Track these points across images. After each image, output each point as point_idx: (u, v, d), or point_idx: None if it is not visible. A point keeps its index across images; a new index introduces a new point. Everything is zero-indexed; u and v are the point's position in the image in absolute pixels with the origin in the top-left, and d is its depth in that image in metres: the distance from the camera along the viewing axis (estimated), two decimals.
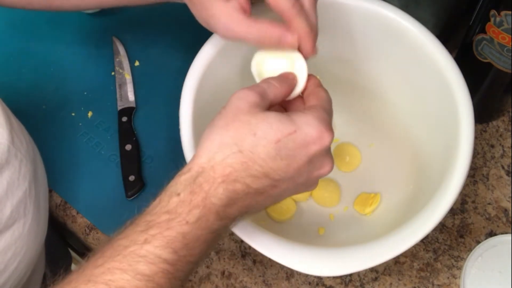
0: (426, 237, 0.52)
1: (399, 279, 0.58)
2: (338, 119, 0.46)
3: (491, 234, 0.59)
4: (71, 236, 0.66)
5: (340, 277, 0.58)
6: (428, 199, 0.47)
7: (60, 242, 0.73)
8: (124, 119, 0.67)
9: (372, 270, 0.58)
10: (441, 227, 0.60)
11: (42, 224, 0.51)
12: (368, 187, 0.60)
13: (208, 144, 0.40)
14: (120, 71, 0.71)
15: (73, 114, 0.69)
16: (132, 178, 0.63)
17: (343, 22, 0.55)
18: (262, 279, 0.59)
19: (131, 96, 0.70)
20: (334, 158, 0.60)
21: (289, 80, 0.45)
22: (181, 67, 0.56)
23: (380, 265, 0.53)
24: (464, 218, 0.61)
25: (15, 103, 0.51)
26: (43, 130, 0.67)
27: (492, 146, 0.64)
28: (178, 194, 0.39)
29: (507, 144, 0.64)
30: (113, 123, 0.68)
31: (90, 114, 0.69)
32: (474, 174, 0.63)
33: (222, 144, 0.39)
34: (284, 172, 0.40)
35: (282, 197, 0.43)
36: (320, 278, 0.58)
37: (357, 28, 0.56)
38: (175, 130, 0.52)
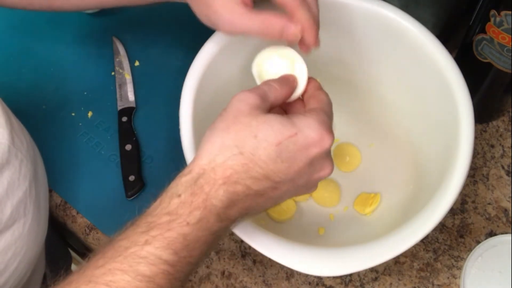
0: (426, 237, 0.52)
1: (399, 279, 0.58)
2: (338, 119, 0.46)
3: (491, 234, 0.59)
4: (71, 236, 0.66)
5: (340, 277, 0.58)
6: (428, 199, 0.47)
7: (60, 242, 0.73)
8: (124, 119, 0.67)
9: (372, 270, 0.58)
10: (441, 227, 0.60)
11: (42, 224, 0.51)
12: (368, 187, 0.60)
13: (209, 146, 0.40)
14: (120, 71, 0.71)
15: (73, 114, 0.69)
16: (132, 178, 0.63)
17: (343, 22, 0.55)
18: (262, 279, 0.59)
19: (131, 96, 0.70)
20: (334, 158, 0.61)
21: (289, 82, 0.45)
22: (181, 67, 0.56)
23: (380, 265, 0.53)
24: (464, 218, 0.61)
25: (15, 103, 0.51)
26: (43, 130, 0.67)
27: (492, 146, 0.64)
28: (179, 196, 0.39)
29: (507, 144, 0.64)
30: (113, 123, 0.68)
31: (90, 114, 0.69)
32: (474, 174, 0.63)
33: (223, 146, 0.39)
34: (285, 174, 0.40)
35: (282, 199, 0.43)
36: (320, 278, 0.58)
37: (357, 28, 0.56)
38: (175, 130, 0.52)
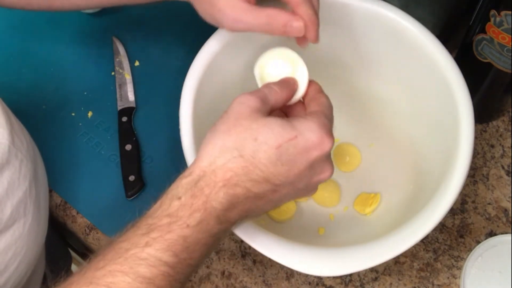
0: (426, 237, 0.52)
1: (399, 279, 0.58)
2: (338, 119, 0.46)
3: (491, 234, 0.59)
4: (71, 236, 0.66)
5: (340, 277, 0.58)
6: (428, 199, 0.47)
7: (60, 242, 0.73)
8: (124, 119, 0.67)
9: (372, 270, 0.58)
10: (441, 227, 0.60)
11: (42, 224, 0.51)
12: (368, 187, 0.60)
13: (209, 148, 0.40)
14: (120, 71, 0.71)
15: (73, 114, 0.69)
16: (132, 178, 0.63)
17: (343, 22, 0.55)
18: (262, 279, 0.59)
19: (131, 96, 0.70)
20: (334, 158, 0.61)
21: (290, 85, 0.45)
22: (181, 67, 0.56)
23: (380, 265, 0.53)
24: (464, 218, 0.61)
25: (15, 103, 0.51)
26: (43, 130, 0.67)
27: (492, 146, 0.64)
28: (179, 198, 0.39)
29: (507, 144, 0.64)
30: (113, 123, 0.68)
31: (90, 114, 0.69)
32: (474, 174, 0.63)
33: (224, 148, 0.40)
34: (285, 177, 0.40)
35: (282, 202, 0.43)
36: (320, 278, 0.58)
37: (357, 28, 0.56)
38: (175, 130, 0.52)
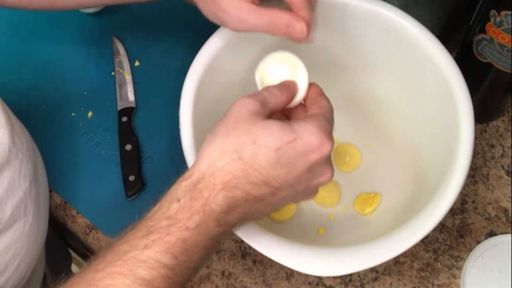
0: (426, 237, 0.52)
1: (399, 279, 0.58)
2: (338, 119, 0.46)
3: (491, 234, 0.59)
4: (71, 236, 0.66)
5: (340, 277, 0.58)
6: (428, 199, 0.47)
7: (60, 242, 0.73)
8: (124, 119, 0.67)
9: (372, 270, 0.58)
10: (441, 227, 0.60)
11: (43, 224, 0.51)
12: (368, 187, 0.60)
13: (209, 151, 0.40)
14: (120, 71, 0.71)
15: (73, 114, 0.69)
16: (132, 178, 0.63)
17: (343, 22, 0.55)
18: (262, 279, 0.59)
19: (131, 96, 0.70)
20: (334, 158, 0.61)
21: (289, 88, 0.45)
22: (181, 67, 0.56)
23: (380, 265, 0.53)
24: (464, 218, 0.61)
25: (15, 103, 0.51)
26: (43, 130, 0.67)
27: (492, 146, 0.64)
28: (179, 200, 0.39)
29: (507, 144, 0.64)
30: (113, 123, 0.68)
31: (90, 114, 0.69)
32: (474, 174, 0.63)
33: (223, 151, 0.40)
34: (284, 180, 0.40)
35: (282, 205, 0.43)
36: (320, 278, 0.58)
37: (357, 28, 0.56)
38: (175, 130, 0.52)
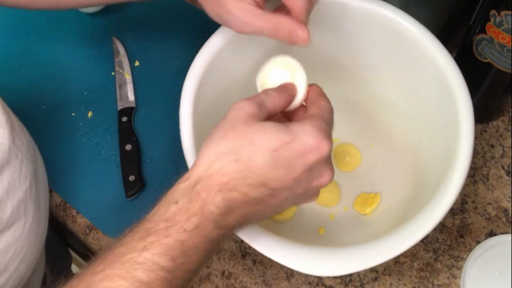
0: (426, 237, 0.52)
1: (399, 279, 0.58)
2: (338, 119, 0.46)
3: (491, 234, 0.59)
4: (71, 236, 0.66)
5: (340, 277, 0.58)
6: (428, 199, 0.47)
7: (60, 242, 0.73)
8: (124, 119, 0.67)
9: (372, 270, 0.58)
10: (441, 227, 0.60)
11: (43, 224, 0.51)
12: (368, 187, 0.60)
13: (206, 153, 0.40)
14: (120, 71, 0.71)
15: (73, 114, 0.69)
16: (132, 178, 0.63)
17: (343, 22, 0.55)
18: (262, 279, 0.59)
19: (131, 96, 0.70)
20: (334, 158, 0.61)
21: (288, 90, 0.45)
22: (181, 67, 0.56)
23: (380, 265, 0.53)
24: (464, 218, 0.61)
25: (15, 103, 0.51)
26: (43, 130, 0.67)
27: (492, 146, 0.64)
28: (176, 202, 0.39)
29: (507, 144, 0.64)
30: (113, 123, 0.68)
31: (90, 114, 0.69)
32: (474, 174, 0.63)
33: (220, 153, 0.40)
34: (282, 181, 0.40)
35: (282, 207, 0.43)
36: (320, 278, 0.58)
37: (357, 28, 0.56)
38: (175, 130, 0.52)
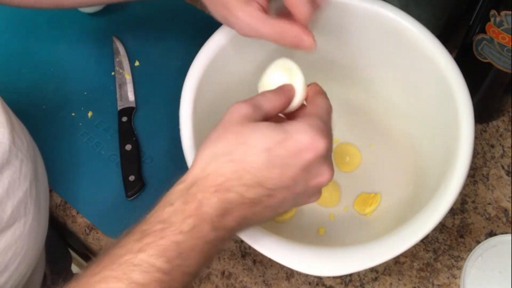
0: (426, 237, 0.52)
1: (399, 279, 0.58)
2: (338, 119, 0.46)
3: (491, 234, 0.59)
4: (71, 236, 0.66)
5: (340, 277, 0.58)
6: (428, 199, 0.47)
7: (60, 242, 0.73)
8: (124, 119, 0.67)
9: (372, 270, 0.58)
10: (441, 227, 0.60)
11: (43, 224, 0.51)
12: (368, 187, 0.60)
13: (201, 156, 0.40)
14: (120, 71, 0.71)
15: (73, 114, 0.69)
16: (132, 178, 0.63)
17: (343, 22, 0.55)
18: (262, 279, 0.59)
19: (131, 96, 0.70)
20: (334, 158, 0.61)
21: (285, 91, 0.45)
22: (181, 67, 0.56)
23: (380, 265, 0.53)
24: (464, 218, 0.61)
25: (15, 103, 0.51)
26: (43, 130, 0.67)
27: (492, 146, 0.64)
28: (172, 204, 0.39)
29: (507, 144, 0.64)
30: (113, 123, 0.68)
31: (90, 114, 0.69)
32: (474, 174, 0.63)
33: (215, 154, 0.40)
34: (278, 180, 0.40)
35: (282, 208, 0.42)
36: (320, 278, 0.58)
37: (357, 28, 0.56)
38: (175, 130, 0.52)
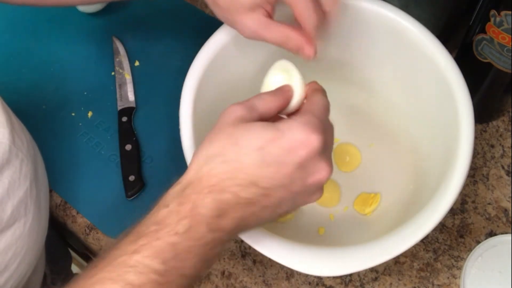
0: (426, 237, 0.52)
1: (399, 279, 0.58)
2: (338, 119, 0.46)
3: (491, 234, 0.59)
4: (71, 236, 0.66)
5: (340, 277, 0.58)
6: (428, 199, 0.47)
7: (60, 242, 0.73)
8: (124, 119, 0.67)
9: (372, 270, 0.59)
10: (441, 227, 0.60)
11: (43, 224, 0.51)
12: (368, 187, 0.60)
13: (196, 158, 0.40)
14: (120, 71, 0.71)
15: (73, 114, 0.69)
16: (132, 178, 0.63)
17: (343, 22, 0.55)
18: (262, 279, 0.59)
19: (131, 96, 0.70)
20: (334, 158, 0.61)
21: (283, 92, 0.45)
22: (181, 67, 0.56)
23: (380, 265, 0.53)
24: (464, 218, 0.61)
25: (15, 103, 0.51)
26: (43, 130, 0.67)
27: (492, 146, 0.64)
28: (167, 206, 0.39)
29: (507, 144, 0.64)
30: (113, 123, 0.68)
31: (90, 114, 0.69)
32: (474, 174, 0.63)
33: (208, 156, 0.40)
34: (273, 179, 0.39)
35: (281, 208, 0.42)
36: (320, 278, 0.58)
37: (357, 28, 0.56)
38: (175, 130, 0.52)
